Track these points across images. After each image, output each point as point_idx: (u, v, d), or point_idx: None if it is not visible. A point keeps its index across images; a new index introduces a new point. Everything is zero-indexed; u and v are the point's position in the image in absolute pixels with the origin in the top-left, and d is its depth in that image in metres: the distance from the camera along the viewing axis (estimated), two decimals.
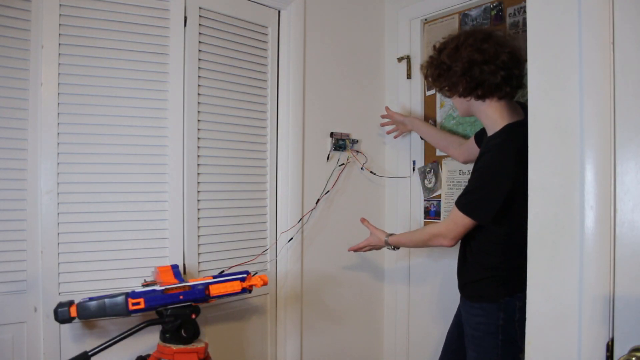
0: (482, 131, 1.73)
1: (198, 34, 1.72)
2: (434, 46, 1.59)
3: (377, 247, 1.85)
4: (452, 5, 2.11)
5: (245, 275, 1.48)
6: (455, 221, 1.50)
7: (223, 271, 1.76)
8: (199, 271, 1.73)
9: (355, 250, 1.89)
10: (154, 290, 1.38)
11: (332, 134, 2.11)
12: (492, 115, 1.51)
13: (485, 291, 1.53)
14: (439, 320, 2.13)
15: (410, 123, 2.11)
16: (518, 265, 1.46)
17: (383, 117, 2.22)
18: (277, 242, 1.97)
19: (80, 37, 1.51)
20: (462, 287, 1.63)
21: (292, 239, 1.97)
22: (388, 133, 2.23)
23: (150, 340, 1.55)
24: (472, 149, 1.80)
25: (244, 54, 1.86)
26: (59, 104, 1.48)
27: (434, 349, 2.15)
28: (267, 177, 1.95)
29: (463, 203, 1.49)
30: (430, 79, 1.59)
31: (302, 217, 2.00)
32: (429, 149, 2.21)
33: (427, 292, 2.19)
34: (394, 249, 1.79)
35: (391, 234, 1.77)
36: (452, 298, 2.05)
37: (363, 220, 1.90)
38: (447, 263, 2.07)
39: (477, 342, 1.53)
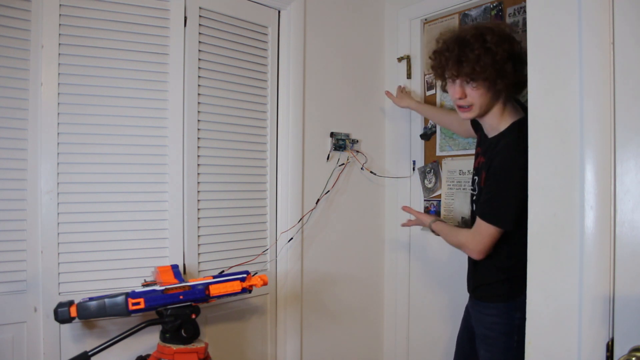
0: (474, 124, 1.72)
1: (198, 34, 1.72)
2: (478, 35, 1.41)
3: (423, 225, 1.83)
4: (452, 5, 2.11)
5: (245, 275, 1.48)
6: (480, 231, 1.47)
7: (223, 271, 1.76)
8: (199, 271, 1.73)
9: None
10: (154, 290, 1.38)
11: (332, 134, 2.11)
12: (506, 114, 1.47)
13: (500, 291, 1.50)
14: (440, 319, 2.13)
15: (408, 106, 2.13)
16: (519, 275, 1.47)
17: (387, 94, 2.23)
18: (277, 242, 1.97)
19: (80, 37, 1.51)
20: (473, 289, 1.60)
21: (292, 239, 1.97)
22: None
23: (150, 340, 1.55)
24: (470, 128, 1.77)
25: (244, 54, 1.86)
26: (59, 104, 1.48)
27: (434, 349, 2.15)
28: (267, 177, 1.95)
29: (485, 212, 1.45)
30: (480, 66, 1.39)
31: (302, 217, 2.00)
32: (429, 149, 2.21)
33: (428, 292, 2.19)
34: (436, 233, 1.75)
35: (436, 220, 1.73)
36: (453, 298, 2.05)
37: (405, 207, 1.88)
38: (448, 263, 2.07)
39: (491, 342, 1.50)
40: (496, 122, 1.49)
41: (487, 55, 1.37)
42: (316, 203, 2.05)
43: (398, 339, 2.29)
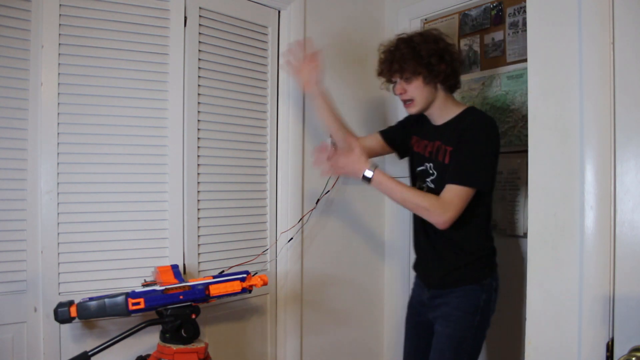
0: (396, 129, 1.84)
1: (198, 34, 1.72)
2: (406, 38, 1.59)
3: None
4: (452, 5, 2.12)
5: (245, 275, 1.48)
6: (454, 195, 1.46)
7: (223, 271, 1.76)
8: (199, 271, 1.73)
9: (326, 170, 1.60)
10: (154, 290, 1.38)
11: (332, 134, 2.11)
12: (450, 103, 1.62)
13: (469, 275, 1.58)
14: None
15: (316, 89, 1.75)
16: (493, 246, 1.66)
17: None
18: (277, 242, 1.97)
19: (80, 37, 1.51)
20: (440, 279, 1.62)
21: (292, 239, 1.97)
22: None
23: (150, 340, 1.55)
24: (375, 147, 1.83)
25: (244, 54, 1.86)
26: (59, 104, 1.48)
27: None
28: (267, 177, 1.95)
29: (460, 176, 1.48)
30: (409, 64, 1.53)
31: (302, 217, 2.00)
32: None
33: None
34: (368, 181, 1.49)
35: (377, 167, 1.50)
36: None
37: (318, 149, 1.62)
38: None
39: (453, 319, 1.57)
40: (445, 110, 1.62)
41: (412, 52, 1.54)
42: (316, 203, 2.05)
43: (398, 338, 2.29)
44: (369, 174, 1.48)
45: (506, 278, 2.00)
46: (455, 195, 1.48)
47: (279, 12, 1.98)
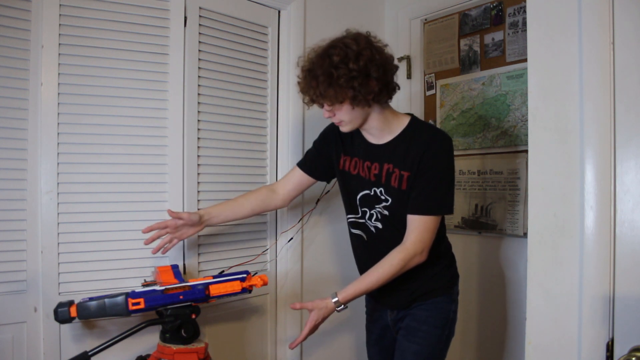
0: (313, 157, 1.66)
1: (198, 34, 1.72)
2: (322, 56, 1.35)
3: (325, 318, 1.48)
4: (452, 5, 2.12)
5: (245, 275, 1.48)
6: (428, 228, 1.41)
7: (223, 271, 1.76)
8: (199, 271, 1.73)
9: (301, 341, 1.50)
10: (154, 290, 1.38)
11: None
12: (389, 116, 1.47)
13: (439, 285, 1.52)
14: None
15: (206, 216, 1.57)
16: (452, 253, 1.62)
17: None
18: (277, 242, 1.97)
19: (80, 37, 1.51)
20: (408, 296, 1.53)
21: (292, 239, 1.97)
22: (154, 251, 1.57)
23: (150, 340, 1.55)
24: (300, 183, 1.68)
25: (244, 54, 1.86)
26: (59, 104, 1.48)
27: None
28: (267, 177, 1.95)
29: (430, 207, 1.41)
30: (333, 89, 1.33)
31: (302, 217, 2.00)
32: None
33: None
34: (345, 307, 1.45)
35: (337, 294, 1.43)
36: None
37: (294, 306, 1.50)
38: None
39: (421, 334, 1.49)
40: (386, 127, 1.46)
41: (329, 79, 1.31)
42: (316, 203, 2.05)
43: None
44: (337, 303, 1.44)
45: (506, 278, 2.00)
46: (423, 227, 1.40)
47: (279, 12, 1.99)
